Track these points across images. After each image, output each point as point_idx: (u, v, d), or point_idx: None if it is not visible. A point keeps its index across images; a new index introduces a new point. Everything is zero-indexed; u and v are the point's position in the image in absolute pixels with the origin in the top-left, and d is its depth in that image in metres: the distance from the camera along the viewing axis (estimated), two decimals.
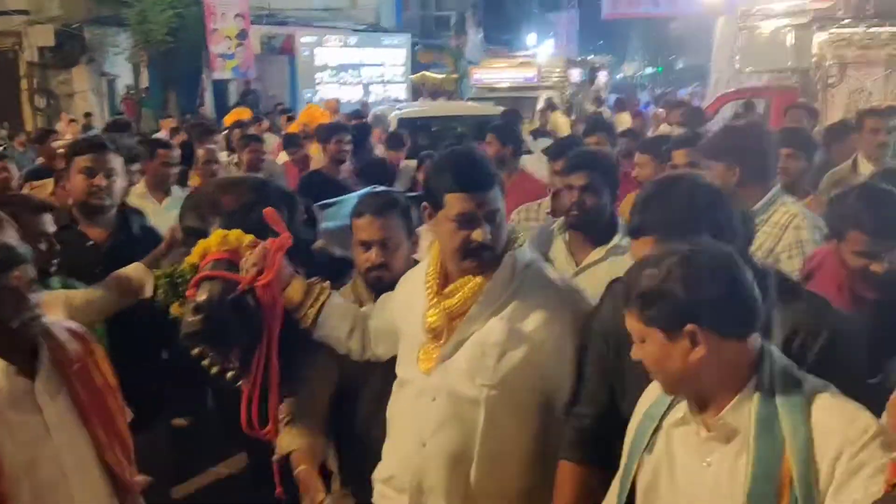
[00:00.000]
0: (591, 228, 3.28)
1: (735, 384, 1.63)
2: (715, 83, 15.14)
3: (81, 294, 2.94)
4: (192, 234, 2.58)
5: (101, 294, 2.95)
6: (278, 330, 2.47)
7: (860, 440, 1.52)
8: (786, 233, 3.19)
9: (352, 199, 3.34)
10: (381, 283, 2.62)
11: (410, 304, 2.40)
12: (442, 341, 2.28)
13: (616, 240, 3.21)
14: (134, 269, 2.99)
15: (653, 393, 1.85)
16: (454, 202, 2.19)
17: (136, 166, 4.22)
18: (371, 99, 20.84)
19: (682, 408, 1.74)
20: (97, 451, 2.25)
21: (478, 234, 2.18)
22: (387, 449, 2.45)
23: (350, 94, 21.00)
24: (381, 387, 2.56)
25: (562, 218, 3.45)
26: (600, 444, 2.14)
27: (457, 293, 2.28)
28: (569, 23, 28.00)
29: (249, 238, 2.44)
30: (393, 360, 2.51)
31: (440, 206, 2.23)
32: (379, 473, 2.47)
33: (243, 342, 2.44)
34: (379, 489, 2.47)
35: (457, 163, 2.27)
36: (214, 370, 2.53)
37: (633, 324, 1.67)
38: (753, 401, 1.61)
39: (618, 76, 22.76)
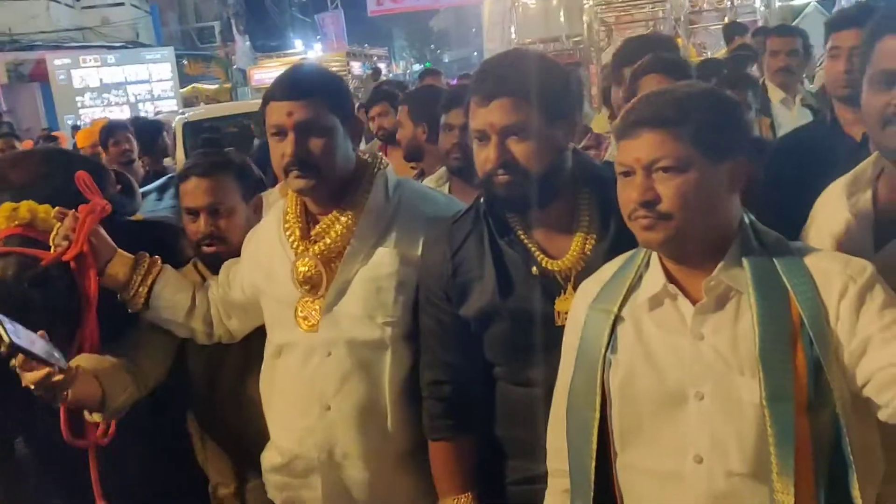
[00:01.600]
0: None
1: (723, 243, 1.53)
2: None
3: None
4: None
5: None
6: (93, 309, 2.08)
7: (862, 276, 1.46)
8: None
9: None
10: (217, 257, 2.30)
11: (269, 261, 2.11)
12: (321, 293, 2.01)
13: None
14: None
15: (588, 294, 1.69)
16: (269, 112, 1.97)
17: None
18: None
19: (648, 289, 1.59)
20: None
21: (285, 146, 1.93)
22: (276, 428, 2.14)
23: (118, 115, 19.71)
24: (239, 366, 2.30)
25: (441, 169, 3.17)
26: (467, 411, 1.97)
27: (326, 234, 2.02)
28: (335, 22, 27.84)
29: (45, 208, 2.06)
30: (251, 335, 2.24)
31: None
32: (270, 461, 2.15)
33: (54, 325, 2.00)
34: (274, 480, 2.16)
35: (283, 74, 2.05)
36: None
37: (667, 146, 1.46)
38: (746, 260, 1.50)
39: (389, 75, 22.94)
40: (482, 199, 1.92)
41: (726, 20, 11.51)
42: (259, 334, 2.24)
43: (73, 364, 1.90)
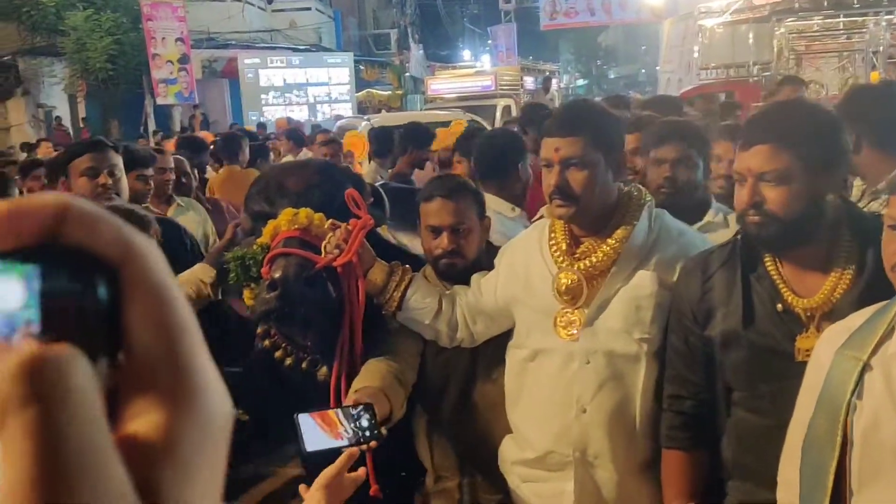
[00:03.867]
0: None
1: None
2: (666, 84, 15.37)
3: None
4: (260, 218, 2.46)
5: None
6: (362, 314, 2.34)
7: None
8: None
9: None
10: (454, 270, 2.50)
11: (526, 272, 2.31)
12: (579, 304, 2.20)
13: (709, 216, 3.01)
14: (201, 269, 2.80)
15: (835, 339, 1.74)
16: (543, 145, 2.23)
17: (149, 171, 3.99)
18: (319, 118, 20.64)
19: None
20: None
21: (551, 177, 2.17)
22: (528, 426, 2.34)
23: (297, 114, 20.74)
24: (468, 373, 2.49)
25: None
26: (703, 427, 2.11)
27: (593, 253, 2.21)
28: (507, 35, 28.15)
29: (319, 216, 2.32)
30: (481, 345, 2.43)
31: None
32: (520, 455, 2.35)
33: (320, 326, 2.32)
34: (523, 473, 2.36)
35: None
36: (288, 361, 2.41)
37: None
38: None
39: (558, 89, 23.22)
40: (739, 235, 2.04)
41: None
42: (487, 346, 2.46)
43: (377, 417, 2.01)
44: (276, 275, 2.19)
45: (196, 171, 4.93)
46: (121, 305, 0.37)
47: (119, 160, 3.30)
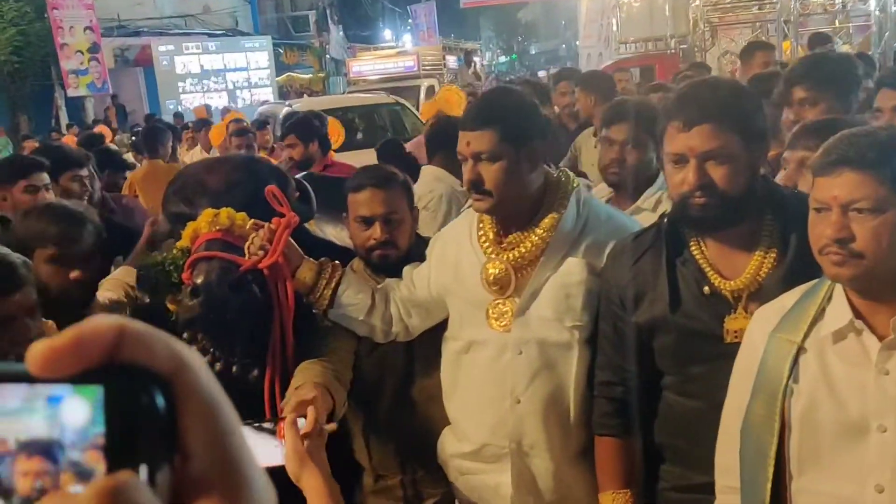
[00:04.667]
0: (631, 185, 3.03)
1: None
2: (587, 59, 15.50)
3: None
4: (179, 220, 2.35)
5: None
6: (292, 316, 2.27)
7: None
8: None
9: None
10: (387, 261, 2.45)
11: (456, 262, 2.28)
12: (508, 294, 2.18)
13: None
14: (125, 272, 2.67)
15: (767, 320, 1.75)
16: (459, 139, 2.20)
17: (84, 172, 3.79)
18: (239, 104, 20.24)
19: (833, 323, 1.64)
20: None
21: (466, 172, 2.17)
22: (464, 418, 2.31)
23: (216, 101, 20.30)
24: (405, 368, 2.45)
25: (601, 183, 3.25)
26: (635, 413, 2.10)
27: (521, 243, 2.18)
28: (427, 13, 28.08)
29: (241, 216, 2.23)
30: (416, 338, 2.40)
31: None
32: (457, 448, 2.33)
33: (247, 330, 2.24)
34: (460, 465, 2.33)
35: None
36: (217, 367, 2.30)
37: (867, 187, 1.52)
38: None
39: (479, 67, 23.21)
40: (665, 218, 2.02)
41: (836, 23, 11.25)
42: (423, 338, 2.41)
43: (306, 394, 1.99)
44: (199, 280, 2.10)
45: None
46: (176, 413, 0.41)
47: (47, 179, 3.36)
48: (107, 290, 2.56)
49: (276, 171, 2.54)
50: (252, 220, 2.22)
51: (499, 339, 2.21)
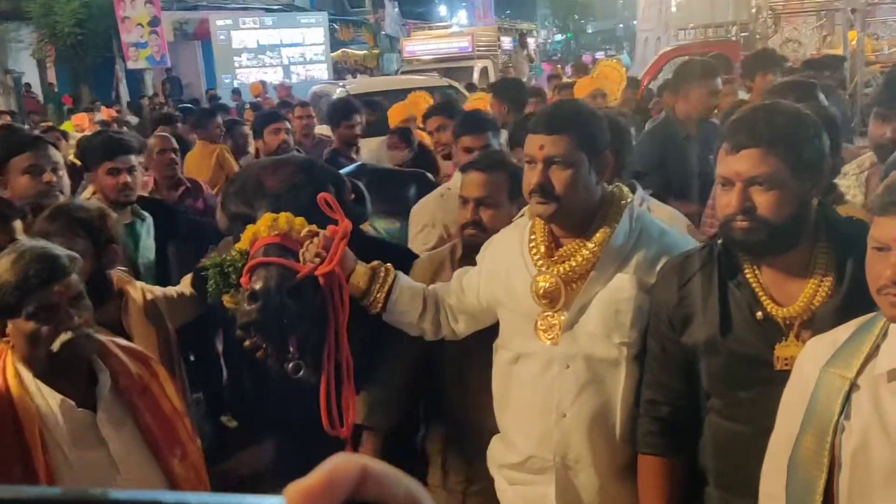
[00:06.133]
0: None
1: None
2: (644, 43, 15.23)
3: (161, 291, 2.73)
4: (238, 220, 2.41)
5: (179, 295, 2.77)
6: (346, 320, 2.32)
7: None
8: None
9: None
10: (475, 241, 2.52)
11: (507, 274, 2.28)
12: (558, 307, 2.18)
13: None
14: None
15: (819, 353, 1.72)
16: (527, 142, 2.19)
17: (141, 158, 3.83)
18: (293, 80, 20.37)
19: (889, 361, 1.61)
20: (171, 486, 2.00)
21: (533, 175, 2.15)
22: (512, 429, 2.32)
23: (271, 76, 20.47)
24: (485, 368, 2.44)
25: None
26: (680, 434, 2.09)
27: (572, 257, 2.17)
28: None
29: (300, 221, 2.28)
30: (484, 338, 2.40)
31: None
32: (506, 458, 2.33)
33: (302, 333, 2.30)
34: (509, 475, 2.34)
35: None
36: (271, 361, 2.37)
37: None
38: None
39: (534, 48, 22.94)
40: (719, 240, 2.00)
41: None
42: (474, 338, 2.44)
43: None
44: (257, 286, 2.15)
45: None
46: None
47: (59, 157, 3.26)
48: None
49: (332, 174, 2.57)
50: (307, 228, 2.25)
51: (546, 352, 2.21)
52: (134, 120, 10.37)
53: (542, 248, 2.21)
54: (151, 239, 3.32)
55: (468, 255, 2.56)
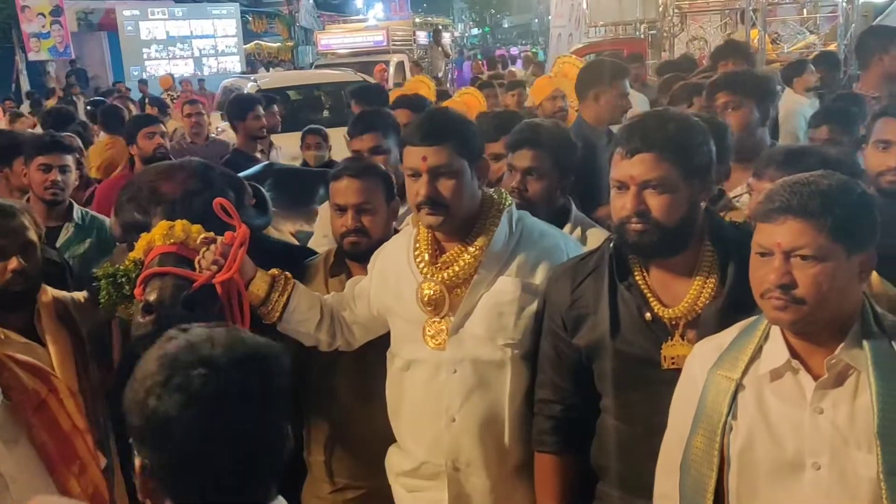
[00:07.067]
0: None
1: (846, 324, 1.61)
2: (556, 39, 15.45)
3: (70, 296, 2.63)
4: (133, 229, 2.33)
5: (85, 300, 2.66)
6: (247, 328, 2.26)
7: None
8: None
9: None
10: (358, 249, 2.50)
11: (396, 281, 2.29)
12: (443, 313, 2.21)
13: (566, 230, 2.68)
14: None
15: (706, 356, 1.78)
16: (406, 154, 2.21)
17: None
18: (206, 72, 19.94)
19: (770, 361, 1.67)
20: None
21: (419, 186, 2.15)
22: (406, 436, 2.33)
23: (182, 69, 19.99)
24: (363, 375, 2.47)
25: None
26: (573, 431, 2.14)
27: (455, 262, 2.20)
28: None
29: (197, 228, 2.22)
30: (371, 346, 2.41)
31: None
32: (402, 466, 2.35)
33: None
34: (404, 483, 2.35)
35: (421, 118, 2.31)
36: None
37: (809, 236, 1.56)
38: (866, 341, 1.59)
39: (450, 41, 23.01)
40: (611, 242, 2.05)
41: (804, 13, 11.33)
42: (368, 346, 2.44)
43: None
44: (151, 298, 2.09)
45: None
46: None
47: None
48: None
49: (231, 178, 2.50)
50: (203, 235, 2.20)
51: (434, 358, 2.22)
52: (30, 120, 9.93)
53: (427, 256, 2.24)
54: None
55: (341, 263, 2.58)
